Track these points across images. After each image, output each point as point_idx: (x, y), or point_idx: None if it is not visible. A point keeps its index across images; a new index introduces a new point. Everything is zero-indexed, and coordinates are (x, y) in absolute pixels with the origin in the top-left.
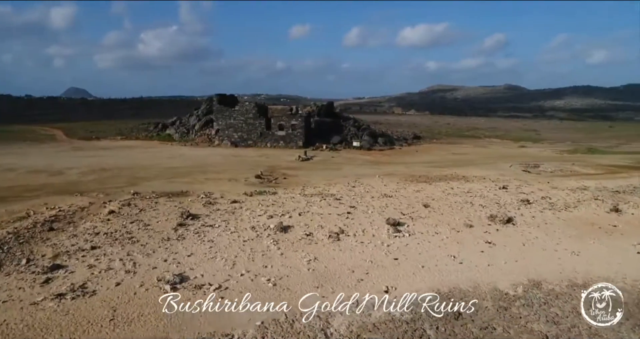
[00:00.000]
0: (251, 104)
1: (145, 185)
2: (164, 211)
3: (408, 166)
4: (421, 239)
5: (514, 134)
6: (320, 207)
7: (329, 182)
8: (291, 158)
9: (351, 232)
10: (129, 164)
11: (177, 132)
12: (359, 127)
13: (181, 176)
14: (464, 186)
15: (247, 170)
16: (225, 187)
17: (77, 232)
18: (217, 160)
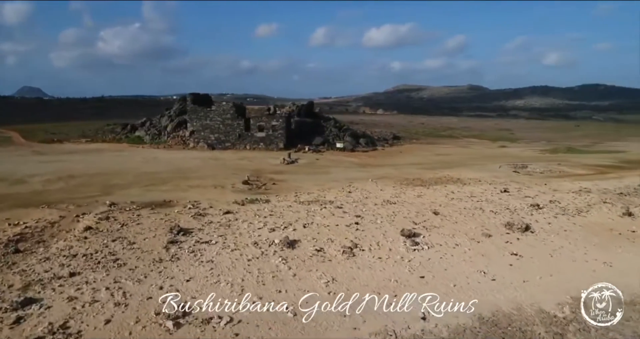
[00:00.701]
0: (229, 104)
1: (122, 194)
2: (149, 226)
3: (397, 168)
4: (442, 252)
5: (490, 134)
6: (323, 217)
7: (321, 188)
8: (275, 161)
9: (365, 246)
10: (100, 169)
11: (147, 134)
12: (340, 128)
13: (160, 182)
14: (464, 190)
15: (231, 175)
16: (212, 195)
17: (49, 254)
18: (196, 164)
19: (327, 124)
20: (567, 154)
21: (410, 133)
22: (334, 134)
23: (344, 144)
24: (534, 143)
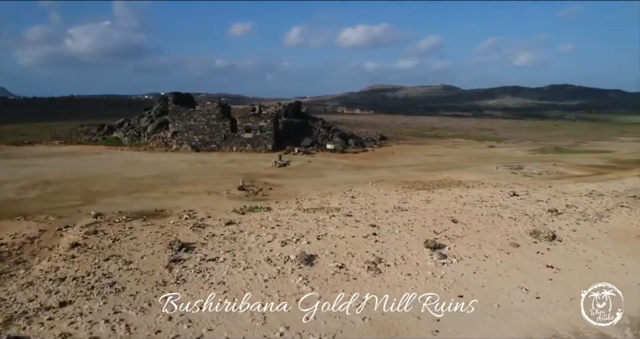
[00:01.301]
0: (214, 104)
1: (106, 203)
2: (145, 241)
3: (394, 171)
4: (474, 265)
5: (474, 134)
6: (336, 227)
7: (321, 193)
8: (266, 164)
9: (390, 261)
10: (78, 174)
11: (126, 135)
12: (328, 129)
13: (147, 189)
14: (471, 194)
15: (222, 179)
16: (208, 203)
17: (32, 277)
18: (182, 168)
19: (315, 124)
20: (557, 154)
21: (396, 133)
22: (323, 135)
23: (334, 145)
24: (520, 143)
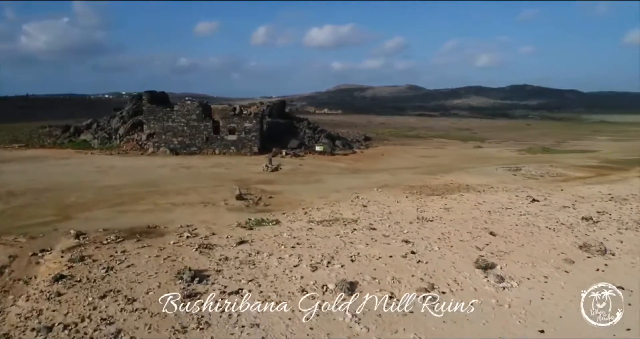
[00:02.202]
0: (194, 103)
1: (86, 218)
2: (146, 269)
3: (393, 174)
4: (537, 289)
5: (454, 134)
6: (366, 245)
7: (327, 200)
8: (256, 168)
9: (443, 287)
10: (47, 183)
11: (95, 137)
12: (314, 130)
13: (132, 200)
14: (487, 199)
15: (215, 187)
16: (206, 216)
17: (7, 327)
18: (165, 174)
19: (300, 125)
20: (546, 154)
21: (377, 133)
22: (309, 136)
23: (323, 147)
24: (503, 143)
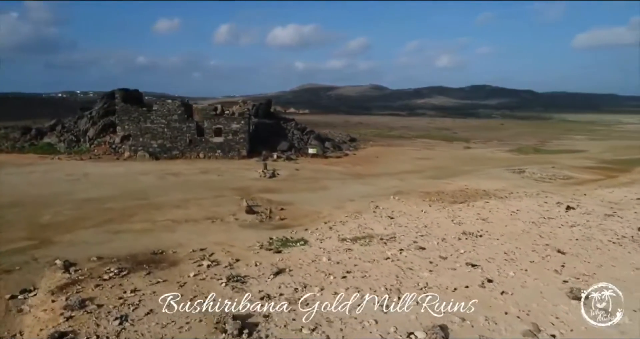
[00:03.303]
0: (175, 103)
1: (70, 242)
2: (171, 317)
3: (399, 179)
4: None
5: (435, 134)
6: (430, 272)
7: (345, 212)
8: (250, 174)
9: (549, 328)
10: (13, 196)
11: (61, 141)
12: (303, 131)
13: (122, 216)
14: (518, 207)
15: (214, 198)
16: (218, 235)
17: None
18: (151, 182)
19: (287, 125)
20: (538, 155)
21: (360, 134)
22: (298, 138)
23: (315, 149)
24: (489, 143)
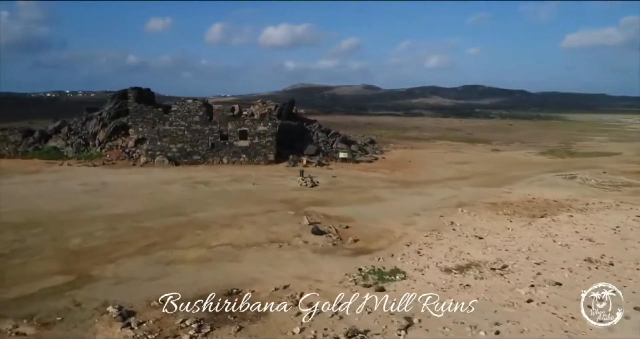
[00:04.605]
0: (197, 103)
1: (115, 277)
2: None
3: (453, 187)
4: None
5: (452, 135)
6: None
7: (418, 229)
8: (287, 183)
9: None
10: (27, 213)
11: (68, 144)
12: (327, 133)
13: (166, 239)
14: (611, 221)
15: (265, 213)
16: (296, 267)
17: None
18: (182, 193)
19: (311, 127)
20: (574, 158)
21: (376, 135)
22: (323, 141)
23: (346, 153)
24: (512, 145)
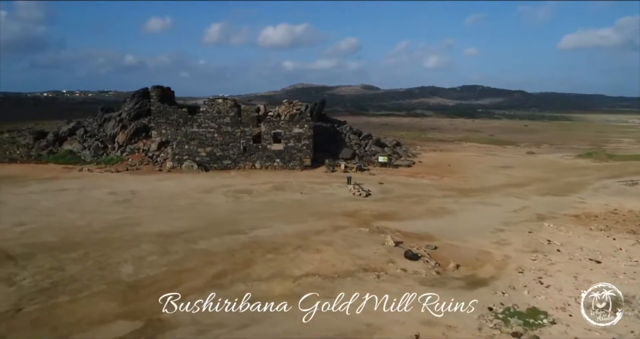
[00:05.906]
0: (228, 103)
1: (195, 323)
2: None
3: (519, 197)
4: None
5: (475, 137)
6: None
7: (514, 250)
8: (338, 191)
9: None
10: (59, 230)
11: (85, 147)
12: (359, 135)
13: (235, 266)
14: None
15: (335, 230)
16: (413, 308)
17: None
18: (227, 206)
19: (342, 129)
20: (617, 162)
21: (399, 137)
22: (356, 143)
23: (385, 157)
24: (542, 147)
